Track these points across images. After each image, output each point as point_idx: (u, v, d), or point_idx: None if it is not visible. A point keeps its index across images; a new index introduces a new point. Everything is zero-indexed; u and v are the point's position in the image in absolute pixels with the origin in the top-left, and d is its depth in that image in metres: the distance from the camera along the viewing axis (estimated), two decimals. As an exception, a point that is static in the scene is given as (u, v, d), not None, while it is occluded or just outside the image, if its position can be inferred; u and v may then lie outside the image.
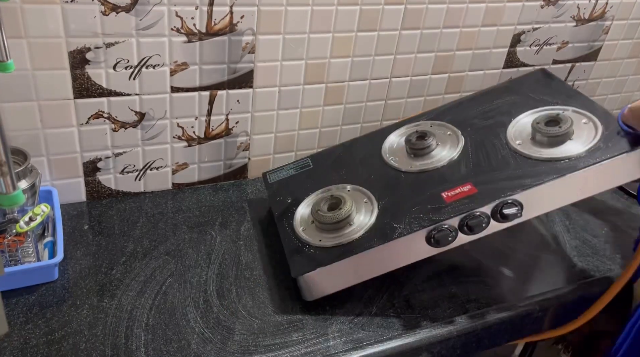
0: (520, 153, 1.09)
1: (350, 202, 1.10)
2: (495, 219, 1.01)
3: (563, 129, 1.08)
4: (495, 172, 1.07)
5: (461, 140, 1.18)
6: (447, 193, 1.06)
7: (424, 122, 1.28)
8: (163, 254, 1.15)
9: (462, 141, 1.18)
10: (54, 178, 1.22)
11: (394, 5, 1.34)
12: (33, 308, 0.99)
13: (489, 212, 1.01)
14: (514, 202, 1.00)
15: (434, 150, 1.18)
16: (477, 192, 1.03)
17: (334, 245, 1.05)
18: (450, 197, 1.05)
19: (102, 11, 1.08)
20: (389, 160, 1.20)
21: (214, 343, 0.97)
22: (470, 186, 1.05)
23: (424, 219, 1.02)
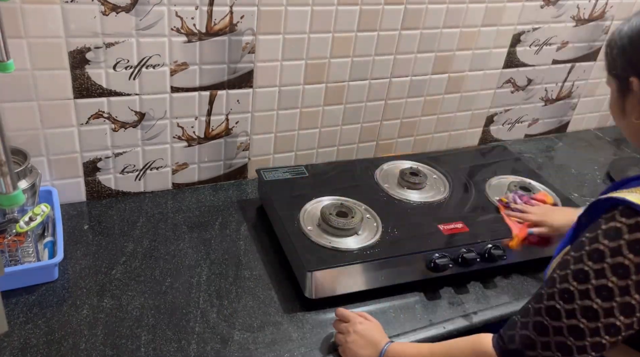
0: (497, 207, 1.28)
1: (360, 214, 1.15)
2: (483, 259, 1.16)
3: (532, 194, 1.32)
4: (480, 218, 1.24)
5: (447, 185, 1.35)
6: (443, 226, 1.20)
7: (414, 162, 1.44)
8: (163, 254, 1.15)
9: (448, 186, 1.35)
10: (54, 178, 1.22)
11: (394, 5, 1.34)
12: (33, 308, 0.99)
13: (480, 251, 1.15)
14: (500, 247, 1.16)
15: (425, 188, 1.34)
16: (468, 231, 1.19)
17: (347, 249, 1.08)
18: (446, 230, 1.18)
19: (102, 11, 1.08)
20: (384, 187, 1.32)
21: (214, 343, 0.97)
22: (462, 225, 1.20)
23: (424, 245, 1.13)
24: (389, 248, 1.10)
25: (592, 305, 0.68)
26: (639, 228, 0.67)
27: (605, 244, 0.68)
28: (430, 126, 1.62)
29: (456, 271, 1.14)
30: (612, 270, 0.67)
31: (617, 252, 0.67)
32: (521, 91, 1.70)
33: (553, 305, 0.71)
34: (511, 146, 1.70)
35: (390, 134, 1.57)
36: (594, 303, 0.68)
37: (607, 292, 0.67)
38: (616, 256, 0.67)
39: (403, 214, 1.23)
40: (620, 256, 0.67)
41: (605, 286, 0.67)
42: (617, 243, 0.67)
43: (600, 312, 0.67)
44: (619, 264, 0.67)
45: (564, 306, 0.70)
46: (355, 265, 1.06)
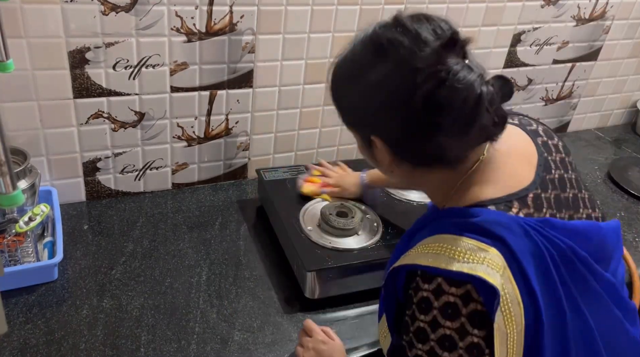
0: None
1: (360, 214, 1.15)
2: None
3: None
4: None
5: None
6: None
7: None
8: (163, 254, 1.15)
9: None
10: (53, 178, 1.22)
11: (394, 5, 1.34)
12: (33, 308, 0.99)
13: None
14: None
15: None
16: None
17: (347, 249, 1.08)
18: None
19: (102, 11, 1.08)
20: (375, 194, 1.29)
21: (214, 343, 0.96)
22: None
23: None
24: (389, 248, 1.10)
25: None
26: (442, 291, 0.63)
27: (422, 319, 0.65)
28: (430, 126, 1.62)
29: None
30: (439, 345, 0.64)
31: (436, 325, 0.64)
32: (521, 91, 1.70)
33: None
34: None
35: (390, 134, 1.57)
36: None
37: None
38: (436, 329, 0.64)
39: (403, 214, 1.22)
40: (439, 327, 0.63)
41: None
42: (432, 315, 0.64)
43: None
44: (442, 337, 0.63)
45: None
46: (355, 265, 1.05)
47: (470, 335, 0.63)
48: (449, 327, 0.63)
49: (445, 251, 0.65)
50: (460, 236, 0.66)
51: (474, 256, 0.63)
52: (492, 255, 0.63)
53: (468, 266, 0.63)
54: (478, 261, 0.63)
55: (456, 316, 0.63)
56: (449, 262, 0.64)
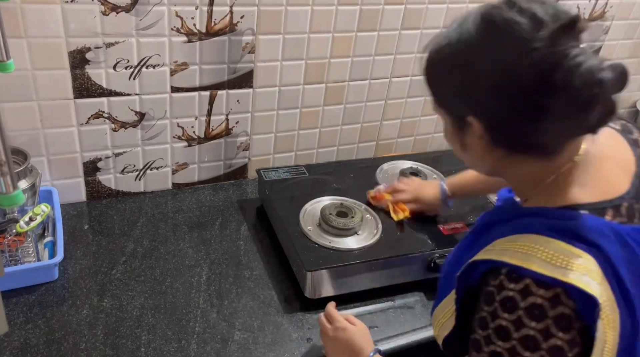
0: None
1: (360, 214, 1.15)
2: None
3: None
4: None
5: None
6: (443, 226, 1.20)
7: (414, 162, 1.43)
8: (163, 254, 1.15)
9: None
10: (54, 178, 1.22)
11: (394, 5, 1.34)
12: (33, 308, 0.99)
13: None
14: None
15: None
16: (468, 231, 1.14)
17: (347, 249, 1.08)
18: (446, 230, 1.18)
19: (102, 11, 1.08)
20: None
21: (214, 343, 0.97)
22: (462, 224, 1.20)
23: (424, 245, 1.13)
24: (389, 248, 1.10)
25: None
26: (530, 292, 0.62)
27: (506, 318, 0.64)
28: (430, 126, 1.62)
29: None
30: (522, 345, 0.62)
31: (520, 325, 0.62)
32: (521, 91, 1.70)
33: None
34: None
35: (390, 134, 1.57)
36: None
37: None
38: (520, 328, 0.62)
39: None
40: (524, 327, 0.62)
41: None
42: (517, 315, 0.62)
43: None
44: (525, 337, 0.62)
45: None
46: (355, 265, 1.06)
47: (554, 337, 0.61)
48: (533, 328, 0.62)
49: (537, 252, 0.63)
50: (552, 238, 0.64)
51: (567, 260, 0.62)
52: (587, 262, 0.62)
53: (561, 271, 0.61)
54: (572, 267, 0.61)
55: (542, 317, 0.62)
56: (541, 264, 0.62)
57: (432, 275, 1.12)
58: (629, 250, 0.64)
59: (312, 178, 1.31)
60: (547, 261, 0.62)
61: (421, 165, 1.41)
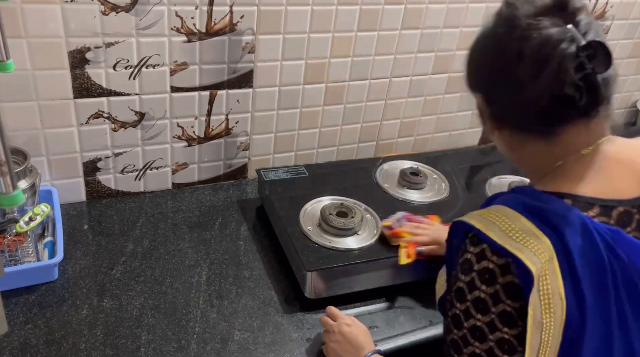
0: None
1: (360, 214, 1.15)
2: None
3: None
4: None
5: (447, 185, 1.35)
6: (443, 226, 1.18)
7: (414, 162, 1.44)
8: (163, 254, 1.15)
9: (448, 186, 1.35)
10: (54, 178, 1.22)
11: (394, 5, 1.34)
12: (33, 308, 0.99)
13: None
14: None
15: (425, 187, 1.34)
16: None
17: (347, 249, 1.08)
18: None
19: (102, 11, 1.08)
20: (384, 187, 1.32)
21: (214, 343, 0.96)
22: None
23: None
24: (389, 248, 1.10)
25: (475, 350, 0.66)
26: (484, 256, 0.66)
27: (462, 279, 0.68)
28: (430, 126, 1.62)
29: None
30: (474, 307, 0.66)
31: (472, 287, 0.66)
32: (521, 91, 1.70)
33: None
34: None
35: (390, 134, 1.57)
36: (475, 348, 0.66)
37: (480, 332, 0.66)
38: (472, 290, 0.66)
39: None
40: (475, 289, 0.66)
41: (474, 327, 0.66)
42: (470, 277, 0.67)
43: (483, 355, 0.66)
44: (476, 299, 0.66)
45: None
46: (355, 265, 1.06)
47: (503, 303, 0.64)
48: (484, 291, 0.66)
49: (500, 223, 0.67)
50: (520, 215, 0.67)
51: (523, 237, 0.65)
52: (542, 243, 0.64)
53: (514, 245, 0.64)
54: (525, 243, 0.64)
55: (492, 282, 0.65)
56: (499, 234, 0.66)
57: (433, 276, 1.12)
58: (594, 248, 0.65)
59: (312, 178, 1.31)
60: (505, 232, 0.66)
61: (421, 165, 1.41)
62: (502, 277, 0.65)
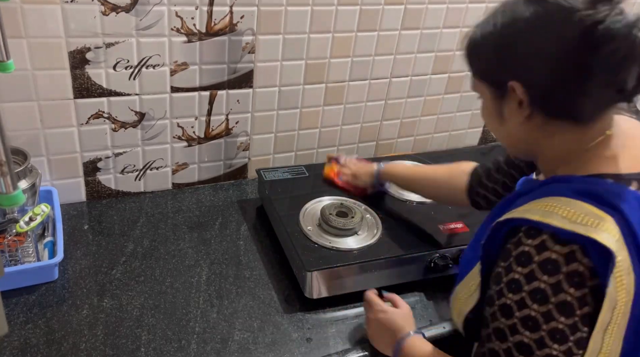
0: None
1: (360, 214, 1.15)
2: None
3: None
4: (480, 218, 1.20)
5: None
6: (443, 226, 1.20)
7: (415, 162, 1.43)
8: (163, 254, 1.15)
9: None
10: (54, 178, 1.22)
11: (394, 5, 1.34)
12: (33, 308, 0.99)
13: None
14: None
15: None
16: (468, 231, 1.19)
17: (347, 249, 1.08)
18: (446, 230, 1.18)
19: (102, 11, 1.08)
20: (385, 187, 1.30)
21: (214, 343, 0.97)
22: (462, 224, 1.20)
23: (424, 245, 1.13)
24: (389, 248, 1.10)
25: (523, 339, 0.65)
26: (545, 247, 0.64)
27: (519, 271, 0.66)
28: (430, 126, 1.62)
29: (456, 271, 1.14)
30: (530, 297, 0.65)
31: (532, 278, 0.65)
32: (521, 91, 1.70)
33: (492, 347, 0.68)
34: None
35: (390, 134, 1.57)
36: (524, 337, 0.65)
37: (533, 322, 0.64)
38: (531, 281, 0.65)
39: (403, 214, 1.23)
40: (535, 280, 0.64)
41: (529, 316, 0.65)
42: (530, 268, 0.65)
43: (532, 345, 0.64)
44: (536, 290, 0.64)
45: (500, 345, 0.67)
46: (355, 265, 1.06)
47: (564, 292, 0.63)
48: (544, 282, 0.64)
49: (558, 210, 0.65)
50: (576, 200, 0.66)
51: (589, 219, 0.63)
52: (608, 222, 0.63)
53: (583, 228, 0.63)
54: (593, 225, 0.63)
55: (555, 272, 0.63)
56: (561, 220, 0.64)
57: (432, 275, 1.12)
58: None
59: (312, 178, 1.31)
60: (567, 218, 0.64)
61: (421, 165, 1.41)
62: (567, 266, 0.63)
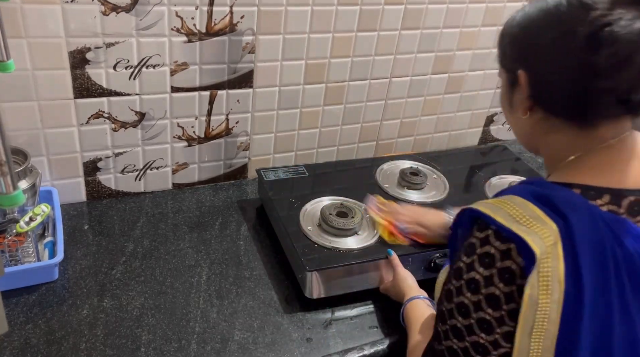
0: None
1: (360, 214, 1.15)
2: None
3: None
4: None
5: (447, 185, 1.35)
6: None
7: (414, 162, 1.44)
8: (163, 254, 1.15)
9: (448, 186, 1.34)
10: (54, 178, 1.22)
11: (394, 5, 1.34)
12: (33, 308, 0.99)
13: None
14: None
15: (425, 188, 1.34)
16: None
17: (347, 249, 1.09)
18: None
19: (102, 11, 1.08)
20: (384, 187, 1.32)
21: (214, 343, 0.97)
22: None
23: (424, 245, 1.12)
24: (388, 248, 1.10)
25: (457, 324, 0.70)
26: (488, 241, 0.68)
27: (463, 260, 0.71)
28: (430, 126, 1.62)
29: None
30: (467, 286, 0.69)
31: (471, 268, 0.69)
32: (521, 91, 1.70)
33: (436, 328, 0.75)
34: (511, 146, 1.70)
35: (390, 134, 1.57)
36: (457, 322, 0.70)
37: (465, 309, 0.69)
38: (470, 271, 0.69)
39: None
40: (473, 271, 0.69)
41: (462, 303, 0.70)
42: (472, 259, 0.69)
43: (464, 330, 0.70)
44: (471, 280, 0.69)
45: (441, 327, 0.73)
46: (355, 265, 1.06)
47: (494, 286, 0.67)
48: (480, 273, 0.68)
49: (508, 208, 0.69)
50: (528, 202, 0.68)
51: (530, 222, 0.66)
52: (548, 227, 0.65)
53: (520, 228, 0.66)
54: (531, 227, 0.66)
55: (490, 265, 0.68)
56: (506, 218, 0.68)
57: (432, 275, 1.12)
58: (598, 235, 0.65)
59: (312, 178, 1.31)
60: (512, 215, 0.68)
61: (421, 165, 1.41)
62: (501, 262, 0.67)
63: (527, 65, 0.73)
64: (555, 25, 0.69)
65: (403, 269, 1.05)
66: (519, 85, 0.74)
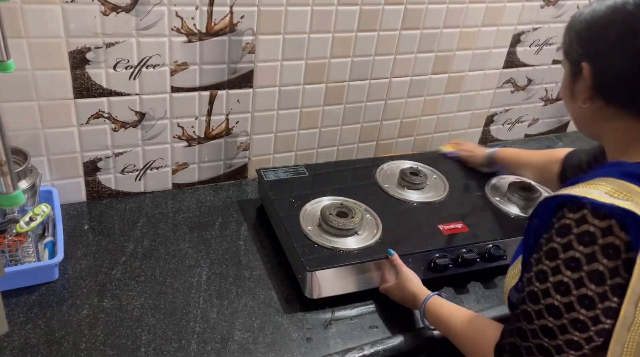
0: (497, 208, 1.29)
1: (360, 214, 1.15)
2: (483, 259, 1.16)
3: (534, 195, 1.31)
4: (480, 218, 1.24)
5: (447, 185, 1.35)
6: (443, 226, 1.20)
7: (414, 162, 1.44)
8: (163, 254, 1.15)
9: (448, 186, 1.34)
10: (54, 178, 1.22)
11: (394, 5, 1.34)
12: (33, 308, 0.99)
13: (480, 251, 1.16)
14: (500, 247, 1.16)
15: (425, 188, 1.34)
16: (468, 231, 1.18)
17: (347, 249, 1.09)
18: (446, 230, 1.19)
19: (102, 11, 1.08)
20: (384, 187, 1.32)
21: (214, 343, 0.97)
22: (462, 224, 1.20)
23: (424, 245, 1.13)
24: (389, 248, 1.10)
25: (554, 302, 0.70)
26: (585, 220, 0.68)
27: (557, 241, 0.71)
28: (430, 126, 1.62)
29: (456, 271, 1.14)
30: (565, 264, 0.69)
31: (568, 247, 0.69)
32: (521, 91, 1.70)
33: (525, 309, 0.73)
34: (511, 146, 1.70)
35: (390, 134, 1.57)
36: (554, 300, 0.70)
37: (564, 287, 0.69)
38: (567, 250, 0.69)
39: (403, 214, 1.23)
40: (571, 250, 0.69)
41: (561, 282, 0.69)
42: (568, 238, 0.70)
43: (561, 308, 0.69)
44: (571, 258, 0.69)
45: (532, 307, 0.72)
46: (355, 265, 1.06)
47: (597, 262, 0.67)
48: (580, 251, 0.68)
49: (601, 187, 0.70)
50: (622, 180, 0.70)
51: (629, 195, 0.68)
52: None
53: (622, 201, 0.67)
54: (632, 199, 0.67)
55: (591, 243, 0.68)
56: (601, 195, 0.68)
57: (432, 275, 1.12)
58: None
59: (312, 178, 1.31)
60: (609, 193, 0.69)
61: (421, 165, 1.41)
62: (603, 239, 0.67)
63: (591, 58, 0.77)
64: (621, 22, 0.73)
65: (408, 269, 1.05)
66: (581, 76, 0.78)
